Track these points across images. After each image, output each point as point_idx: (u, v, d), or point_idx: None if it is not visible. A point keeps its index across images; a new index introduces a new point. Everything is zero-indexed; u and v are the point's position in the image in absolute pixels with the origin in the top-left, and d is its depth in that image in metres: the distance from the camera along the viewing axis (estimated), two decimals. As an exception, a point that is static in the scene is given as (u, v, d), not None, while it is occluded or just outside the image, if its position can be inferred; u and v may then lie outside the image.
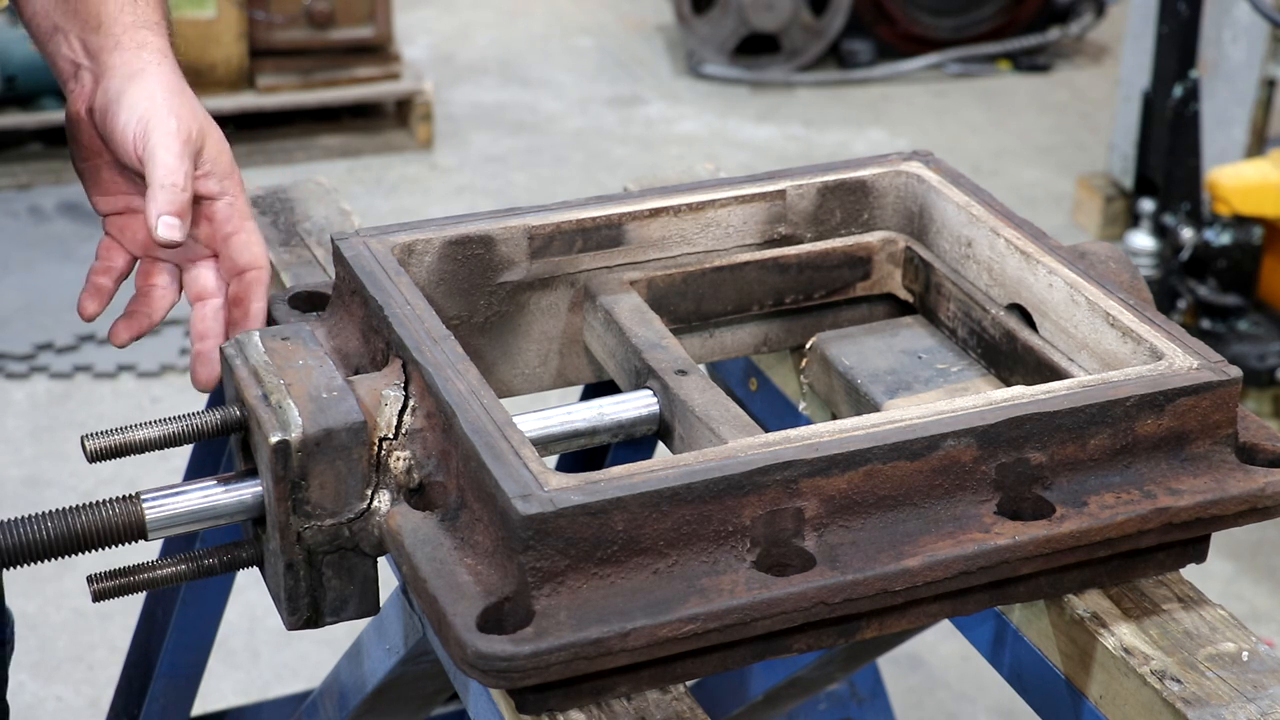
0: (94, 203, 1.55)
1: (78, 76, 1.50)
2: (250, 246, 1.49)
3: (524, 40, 7.10)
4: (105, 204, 1.54)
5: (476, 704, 1.31)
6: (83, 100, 1.49)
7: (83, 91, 1.49)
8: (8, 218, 5.30)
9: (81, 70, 1.49)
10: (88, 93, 1.48)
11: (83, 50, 1.49)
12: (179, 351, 4.54)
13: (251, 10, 5.65)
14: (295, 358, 1.35)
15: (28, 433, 4.22)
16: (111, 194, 1.53)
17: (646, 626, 1.14)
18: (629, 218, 1.57)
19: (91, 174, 1.53)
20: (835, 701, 2.55)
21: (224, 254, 1.50)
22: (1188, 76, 4.36)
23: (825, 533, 1.23)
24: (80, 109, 1.49)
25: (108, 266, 1.54)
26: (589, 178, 5.79)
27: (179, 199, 1.41)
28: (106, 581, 1.32)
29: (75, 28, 1.49)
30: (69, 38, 1.49)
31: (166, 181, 1.41)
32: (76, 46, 1.49)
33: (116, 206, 1.54)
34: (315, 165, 5.76)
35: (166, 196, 1.41)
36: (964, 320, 1.57)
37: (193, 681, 2.18)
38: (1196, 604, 1.34)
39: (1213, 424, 1.33)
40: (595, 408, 1.44)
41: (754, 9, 6.58)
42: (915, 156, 1.68)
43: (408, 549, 1.22)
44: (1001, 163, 6.05)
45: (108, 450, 1.31)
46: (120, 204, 1.54)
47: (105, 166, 1.52)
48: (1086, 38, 7.05)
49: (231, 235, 1.49)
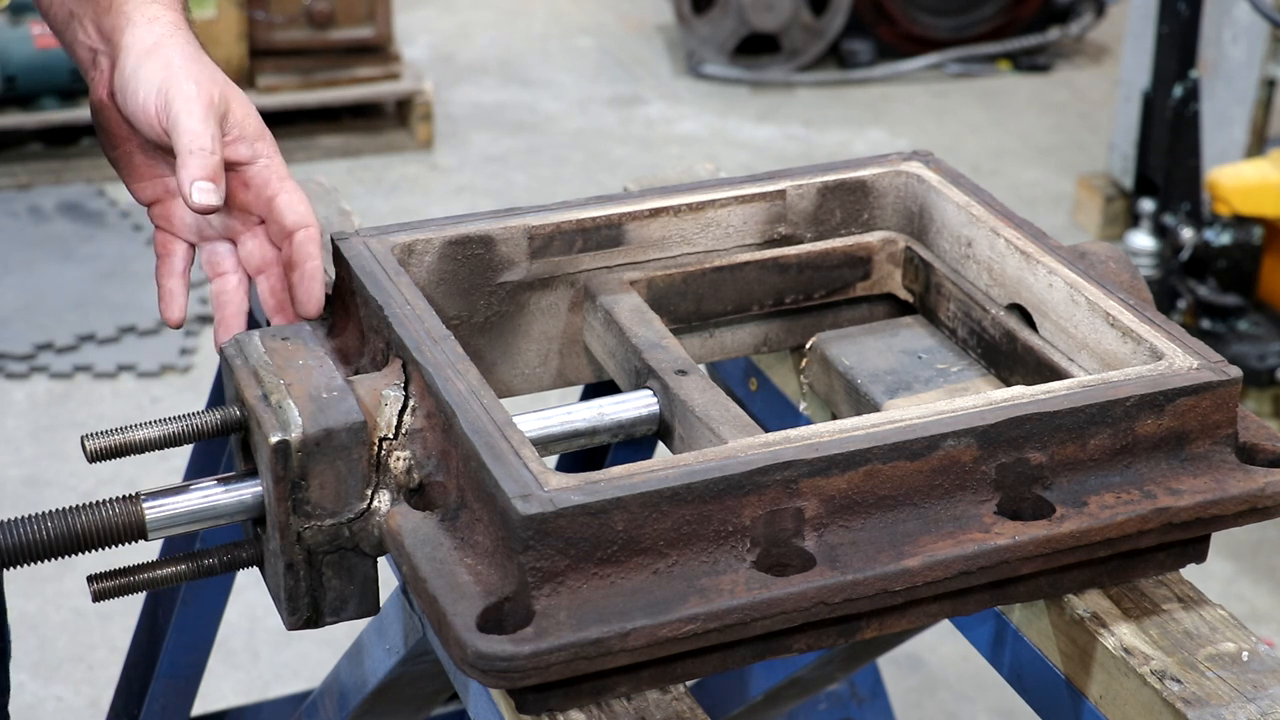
0: (133, 192, 1.51)
1: (95, 63, 1.48)
2: (295, 206, 1.44)
3: (524, 40, 7.10)
4: (143, 191, 1.51)
5: (476, 704, 1.31)
6: (103, 86, 1.46)
7: (102, 77, 1.47)
8: (8, 218, 5.30)
9: (99, 55, 1.47)
10: (106, 77, 1.46)
11: (97, 34, 1.47)
12: (179, 351, 4.54)
13: (251, 10, 5.65)
14: (295, 358, 1.35)
15: (28, 433, 4.22)
16: (147, 179, 1.50)
17: (646, 626, 1.14)
18: (629, 218, 1.57)
19: (124, 161, 1.50)
20: (835, 701, 2.55)
21: (270, 218, 1.46)
22: (1188, 76, 4.36)
23: (825, 533, 1.23)
24: (103, 95, 1.47)
25: (171, 267, 1.49)
26: (589, 178, 5.79)
27: (209, 162, 1.37)
28: (106, 581, 1.32)
29: (89, 12, 1.47)
30: (84, 23, 1.48)
31: (194, 146, 1.37)
32: (91, 31, 1.47)
33: (156, 192, 1.50)
34: (315, 165, 5.76)
35: (197, 161, 1.37)
36: (964, 320, 1.57)
37: (193, 681, 2.18)
38: (1196, 604, 1.34)
39: (1213, 424, 1.33)
40: (595, 408, 1.44)
41: (754, 9, 6.58)
42: (915, 156, 1.68)
43: (408, 549, 1.22)
44: (1001, 163, 6.05)
45: (108, 450, 1.31)
46: (159, 188, 1.50)
47: (136, 151, 1.49)
48: (1086, 38, 7.05)
49: (274, 198, 1.44)
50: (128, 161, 1.50)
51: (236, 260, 1.50)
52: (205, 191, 1.37)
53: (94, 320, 4.69)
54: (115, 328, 4.65)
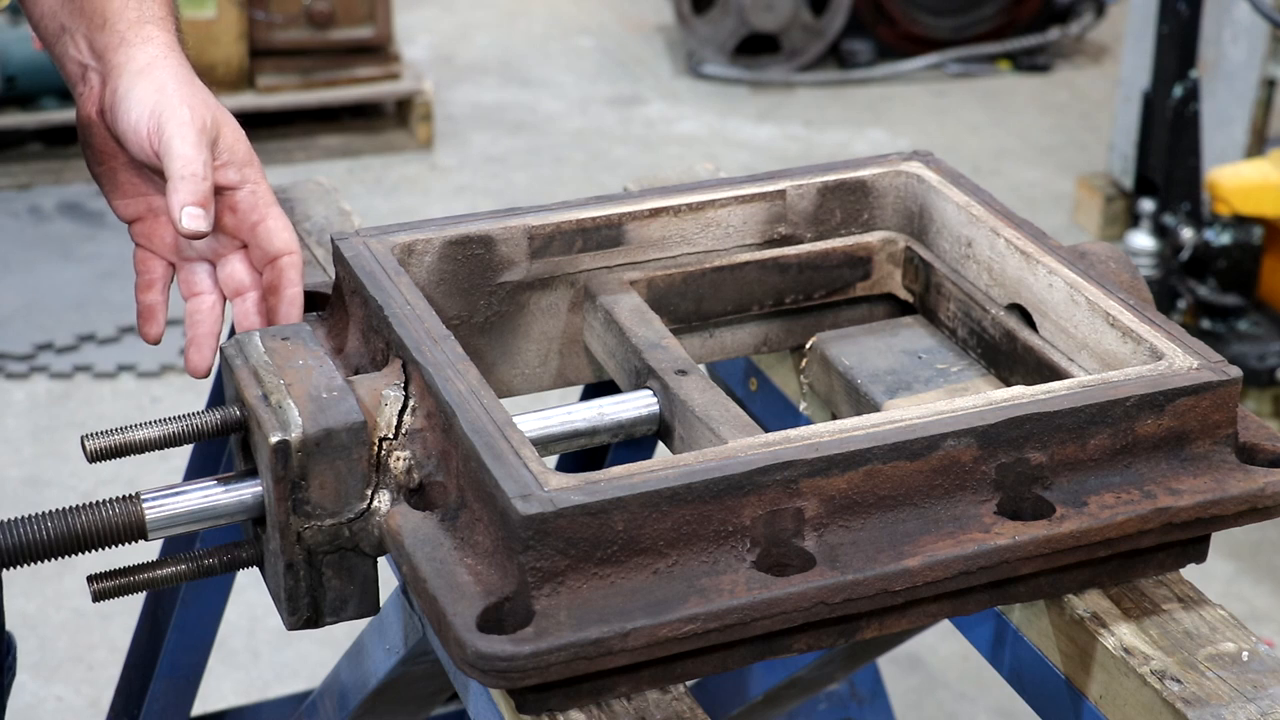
0: (115, 208, 1.52)
1: (85, 78, 1.48)
2: (279, 232, 1.46)
3: (524, 40, 7.10)
4: (126, 209, 1.52)
5: (476, 704, 1.31)
6: (92, 102, 1.47)
7: (91, 93, 1.47)
8: (8, 218, 5.30)
9: (89, 71, 1.47)
10: (96, 94, 1.46)
11: (89, 50, 1.47)
12: (179, 351, 4.54)
13: (251, 10, 5.65)
14: (295, 358, 1.35)
15: (28, 433, 4.22)
16: (131, 196, 1.51)
17: (646, 626, 1.14)
18: (629, 218, 1.57)
19: (108, 178, 1.51)
20: (835, 701, 2.55)
21: (253, 243, 1.47)
22: (1188, 76, 4.36)
23: (825, 533, 1.23)
24: (91, 111, 1.47)
25: (149, 281, 1.51)
26: (589, 178, 5.79)
27: (200, 188, 1.39)
28: (106, 581, 1.32)
29: (81, 26, 1.47)
30: (75, 38, 1.48)
31: (186, 172, 1.38)
32: (83, 46, 1.47)
33: (139, 210, 1.51)
34: (315, 165, 5.76)
35: (188, 187, 1.38)
36: (964, 320, 1.57)
37: (193, 681, 2.18)
38: (1196, 604, 1.34)
39: (1213, 424, 1.33)
40: (595, 408, 1.44)
41: (754, 9, 6.57)
42: (915, 156, 1.68)
43: (408, 549, 1.22)
44: (1001, 163, 6.05)
45: (108, 450, 1.31)
46: (141, 207, 1.51)
47: (121, 169, 1.49)
48: (1086, 38, 7.05)
49: (258, 223, 1.46)
50: (112, 178, 1.50)
51: (214, 281, 1.51)
52: (195, 218, 1.38)
53: (94, 320, 4.69)
54: (115, 328, 4.65)
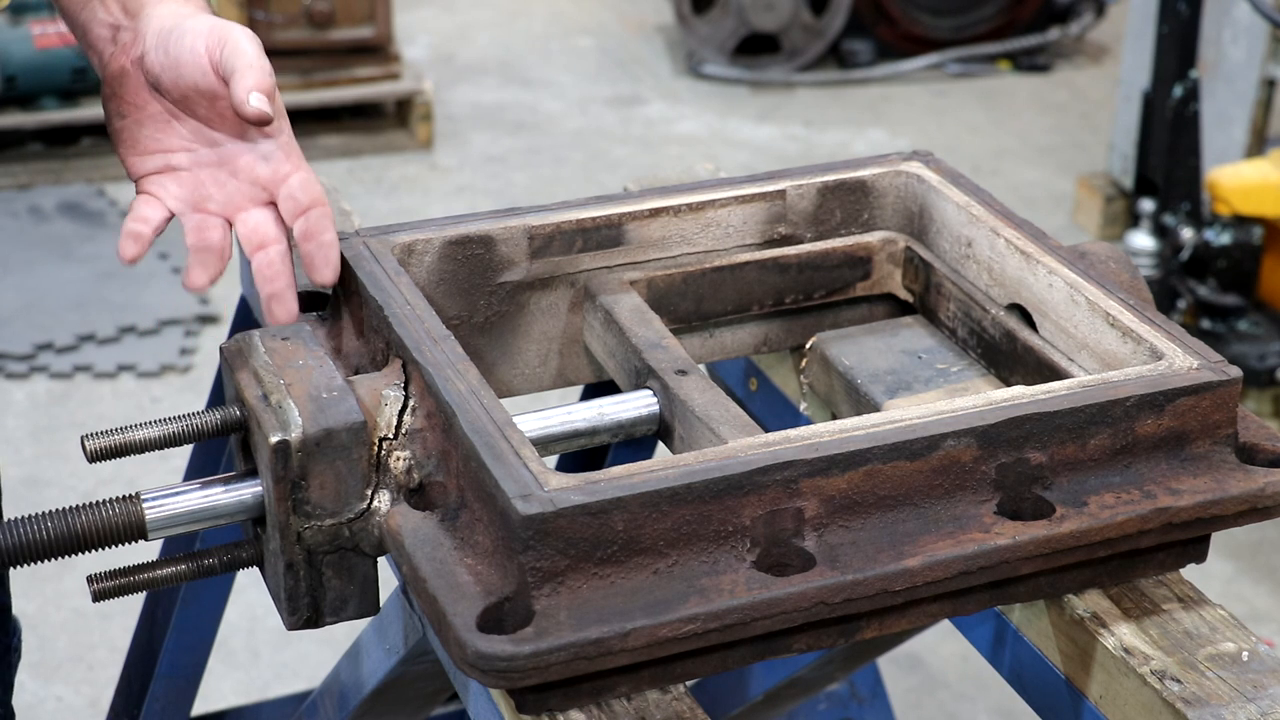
0: (129, 165, 1.51)
1: (116, 38, 1.49)
2: (312, 184, 1.46)
3: (524, 40, 7.10)
4: (141, 164, 1.50)
5: (476, 704, 1.31)
6: (126, 55, 1.47)
7: (124, 48, 1.48)
8: (8, 218, 5.30)
9: (121, 31, 1.49)
10: (129, 46, 1.47)
11: (121, 11, 1.49)
12: (179, 351, 4.54)
13: (251, 10, 5.65)
14: (295, 358, 1.35)
15: (28, 433, 4.22)
16: (150, 152, 1.50)
17: (646, 626, 1.14)
18: (629, 218, 1.57)
19: (129, 133, 1.50)
20: (835, 701, 2.55)
21: (285, 194, 1.46)
22: (1188, 76, 4.36)
23: (825, 533, 1.23)
24: (124, 62, 1.47)
25: (144, 216, 1.48)
26: (589, 178, 5.79)
27: (267, 80, 1.40)
28: (106, 581, 1.32)
29: None
30: (106, 1, 1.50)
31: (255, 64, 1.40)
32: (114, 9, 1.50)
33: (155, 165, 1.50)
34: (315, 165, 5.68)
35: (255, 75, 1.39)
36: (964, 320, 1.57)
37: (193, 681, 2.18)
38: (1196, 604, 1.34)
39: (1213, 424, 1.33)
40: (595, 408, 1.44)
41: (754, 9, 6.57)
42: (915, 156, 1.68)
43: (408, 549, 1.22)
44: (1001, 163, 6.05)
45: (108, 450, 1.31)
46: (159, 163, 1.50)
47: (148, 121, 1.49)
48: (1086, 38, 7.05)
49: (291, 174, 1.46)
50: (134, 133, 1.50)
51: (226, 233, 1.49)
52: (263, 100, 1.39)
53: (94, 320, 4.69)
54: (115, 328, 4.65)
